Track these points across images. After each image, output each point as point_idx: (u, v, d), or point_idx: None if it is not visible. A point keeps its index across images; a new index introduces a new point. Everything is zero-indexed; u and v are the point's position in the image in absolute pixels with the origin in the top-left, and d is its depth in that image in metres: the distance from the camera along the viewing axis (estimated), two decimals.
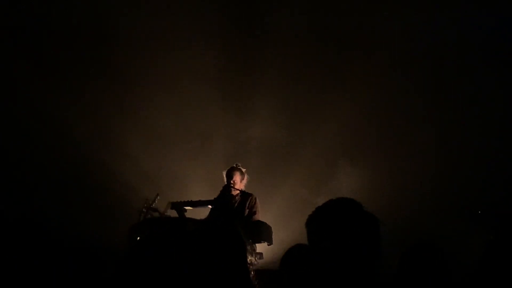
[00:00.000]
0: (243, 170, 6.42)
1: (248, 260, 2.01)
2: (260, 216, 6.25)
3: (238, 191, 6.30)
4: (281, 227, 7.43)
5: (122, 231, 6.11)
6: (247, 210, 6.19)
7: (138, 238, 5.36)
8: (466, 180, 7.57)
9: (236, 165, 6.46)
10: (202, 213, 6.35)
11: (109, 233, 6.73)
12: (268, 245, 5.92)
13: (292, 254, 2.94)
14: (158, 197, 6.22)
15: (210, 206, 6.36)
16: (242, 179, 6.37)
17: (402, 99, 8.04)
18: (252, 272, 2.01)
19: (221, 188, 6.35)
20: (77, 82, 8.05)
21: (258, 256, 5.83)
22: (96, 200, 7.76)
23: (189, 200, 6.41)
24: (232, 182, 6.28)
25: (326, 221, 2.06)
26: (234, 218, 5.93)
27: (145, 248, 1.63)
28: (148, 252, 1.60)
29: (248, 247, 2.14)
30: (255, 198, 6.28)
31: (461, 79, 7.85)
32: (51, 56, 7.95)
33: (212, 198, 6.40)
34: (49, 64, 7.93)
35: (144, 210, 6.04)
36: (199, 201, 6.44)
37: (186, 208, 6.23)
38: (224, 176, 6.39)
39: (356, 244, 2.00)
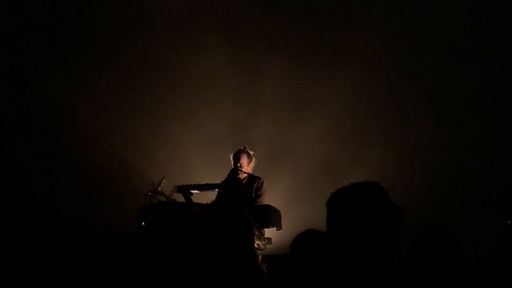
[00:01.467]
0: (251, 153, 6.44)
1: (255, 244, 2.03)
2: (266, 200, 6.29)
3: (246, 175, 6.33)
4: (291, 212, 7.46)
5: (127, 216, 6.17)
6: (253, 194, 6.23)
7: (144, 223, 5.41)
8: (481, 164, 7.54)
9: (243, 147, 6.47)
10: (209, 197, 6.40)
11: (114, 219, 6.79)
12: (277, 230, 5.94)
13: (302, 239, 2.94)
14: (164, 180, 6.26)
15: (217, 190, 6.40)
16: (249, 162, 6.38)
17: (417, 78, 8.00)
18: (260, 257, 2.04)
19: (228, 172, 6.40)
20: (80, 67, 8.12)
21: (267, 241, 5.88)
22: (99, 185, 7.82)
23: (196, 183, 6.45)
24: (239, 165, 6.29)
25: (350, 204, 2.05)
26: (241, 202, 5.95)
27: (152, 234, 1.66)
28: (154, 238, 1.63)
29: (256, 232, 2.17)
30: (262, 182, 6.30)
31: (478, 55, 7.78)
32: (63, 48, 8.06)
33: (219, 181, 6.44)
34: (58, 53, 8.03)
35: (149, 193, 6.09)
36: (206, 184, 6.46)
37: (193, 191, 6.27)
38: (231, 159, 6.42)
39: (377, 234, 1.99)
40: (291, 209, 7.34)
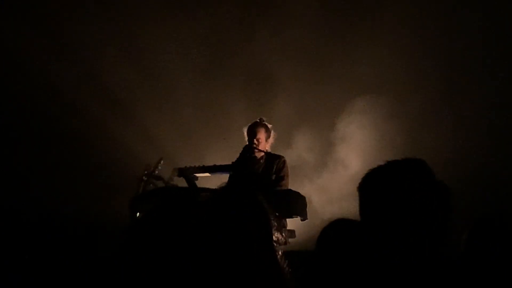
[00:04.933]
0: (269, 126, 6.45)
1: (274, 238, 2.04)
2: (290, 183, 6.30)
3: (263, 153, 6.34)
4: (319, 198, 7.48)
5: (118, 205, 6.24)
6: (273, 176, 6.24)
7: (138, 214, 5.48)
8: None
9: (260, 119, 6.48)
10: (218, 181, 6.43)
11: (103, 208, 6.88)
12: (302, 220, 5.98)
13: (332, 230, 2.95)
14: (162, 162, 6.31)
15: (228, 173, 6.44)
16: (267, 137, 6.40)
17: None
18: (279, 253, 2.05)
19: (241, 150, 6.41)
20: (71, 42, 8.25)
21: (289, 233, 5.92)
22: (85, 168, 7.90)
23: (201, 165, 6.49)
24: (255, 141, 6.32)
25: (387, 186, 2.05)
26: (258, 187, 5.98)
27: (148, 227, 1.68)
28: (150, 232, 1.64)
29: (275, 223, 2.17)
30: (284, 161, 6.32)
31: None
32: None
33: (230, 162, 6.47)
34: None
35: (144, 178, 6.14)
36: (214, 166, 6.51)
37: (198, 175, 6.31)
38: (245, 133, 6.43)
39: (421, 221, 1.99)
40: (319, 195, 7.36)
